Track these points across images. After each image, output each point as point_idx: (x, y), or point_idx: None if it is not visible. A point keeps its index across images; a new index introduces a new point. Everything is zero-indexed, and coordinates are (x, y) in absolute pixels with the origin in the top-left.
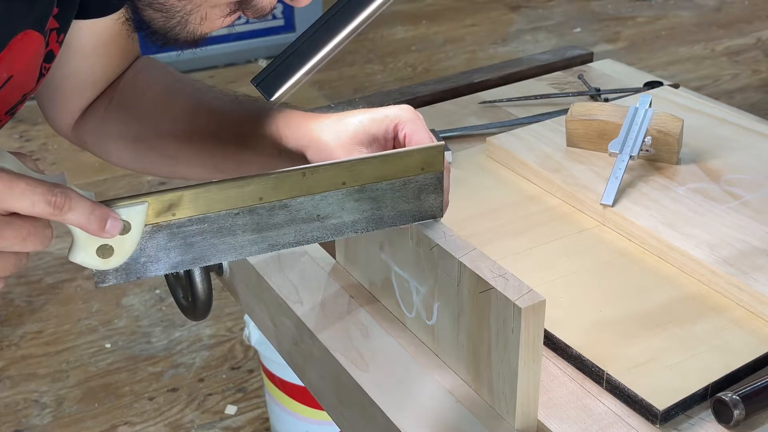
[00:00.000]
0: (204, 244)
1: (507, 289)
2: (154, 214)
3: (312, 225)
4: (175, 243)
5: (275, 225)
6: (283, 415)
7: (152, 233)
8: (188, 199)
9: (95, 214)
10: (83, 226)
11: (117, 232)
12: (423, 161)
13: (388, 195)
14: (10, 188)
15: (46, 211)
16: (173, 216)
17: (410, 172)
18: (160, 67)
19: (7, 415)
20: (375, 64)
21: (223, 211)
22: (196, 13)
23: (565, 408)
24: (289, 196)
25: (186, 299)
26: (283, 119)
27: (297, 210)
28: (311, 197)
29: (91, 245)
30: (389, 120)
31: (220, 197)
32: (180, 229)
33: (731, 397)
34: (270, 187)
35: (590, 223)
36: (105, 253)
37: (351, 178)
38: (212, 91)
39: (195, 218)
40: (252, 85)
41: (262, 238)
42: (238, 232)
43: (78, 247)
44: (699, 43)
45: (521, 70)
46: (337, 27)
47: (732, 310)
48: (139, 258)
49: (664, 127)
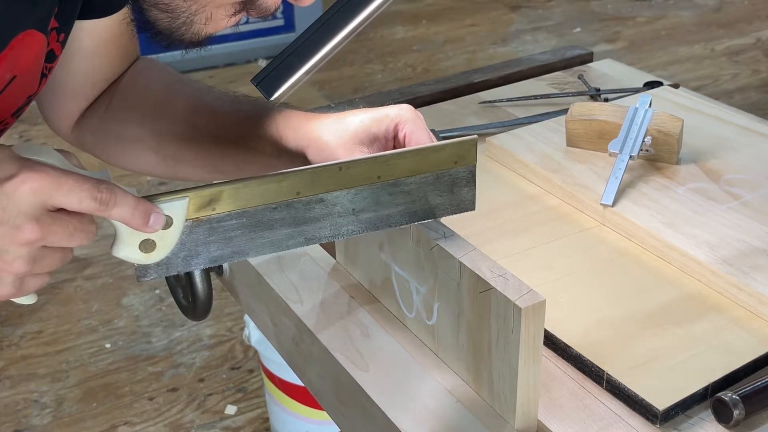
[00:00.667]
0: (243, 239)
1: (507, 289)
2: (195, 209)
3: (347, 219)
4: (215, 237)
5: (312, 219)
6: (283, 415)
7: (192, 228)
8: (228, 194)
9: (139, 209)
10: (127, 221)
11: (160, 227)
12: (456, 155)
13: (422, 188)
14: (58, 185)
15: (93, 206)
16: (213, 211)
17: (444, 166)
18: (159, 68)
19: (7, 415)
20: (375, 64)
21: (261, 206)
22: (201, 13)
23: (565, 408)
24: (326, 190)
25: (186, 299)
26: (283, 119)
27: (333, 204)
28: (347, 191)
29: (134, 240)
30: (390, 119)
31: (258, 192)
32: (220, 223)
33: (731, 397)
34: (307, 182)
35: (590, 223)
36: (147, 248)
37: (386, 172)
38: (212, 92)
39: (234, 213)
40: (252, 85)
41: (299, 232)
42: (276, 226)
43: (121, 242)
44: (699, 43)
45: (521, 70)
46: (337, 27)
47: (732, 310)
48: (179, 252)
49: (664, 127)
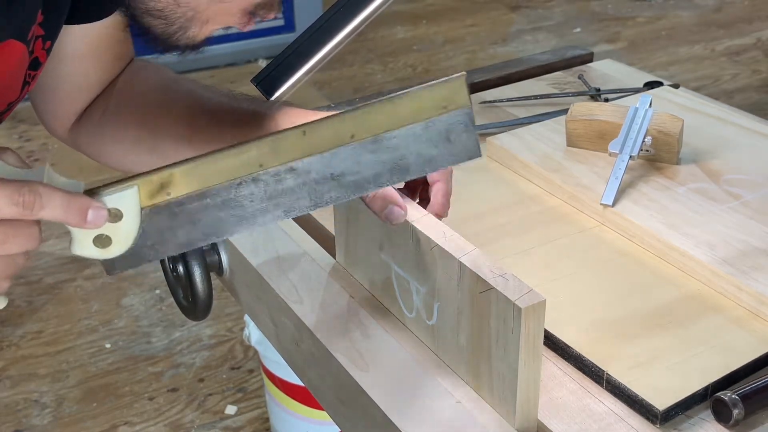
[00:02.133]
0: (211, 219)
1: (507, 289)
2: (148, 196)
3: (328, 185)
4: (179, 222)
5: (286, 190)
6: (283, 415)
7: (151, 215)
8: (180, 176)
9: (72, 207)
10: (63, 221)
11: (102, 222)
12: (443, 98)
13: (410, 141)
14: None
15: (16, 212)
16: (168, 195)
17: (430, 113)
18: (155, 69)
19: (7, 415)
20: (375, 64)
21: (223, 183)
22: (197, 18)
23: (565, 408)
24: (293, 158)
25: (186, 299)
26: (283, 117)
27: (306, 171)
28: (320, 156)
29: (86, 237)
30: None
31: (216, 169)
32: (181, 207)
33: (730, 397)
34: (268, 152)
35: (590, 223)
36: (103, 243)
37: (360, 130)
38: (209, 91)
39: (194, 194)
40: (252, 85)
41: (274, 205)
42: (245, 203)
43: (75, 240)
44: (699, 43)
45: (521, 70)
46: (337, 27)
47: (732, 310)
48: (145, 242)
49: (664, 127)
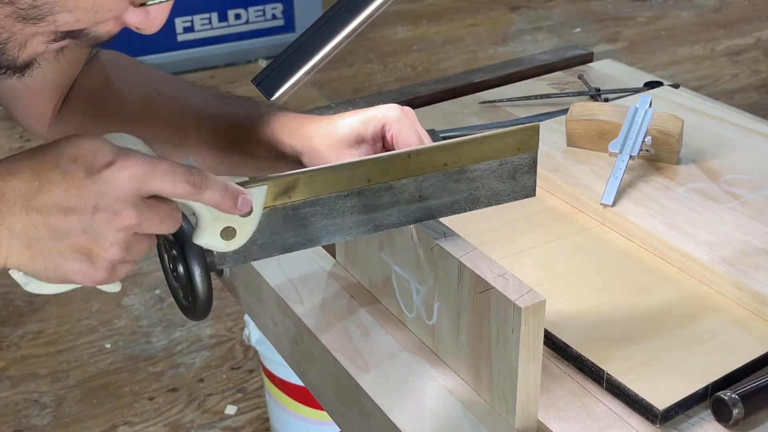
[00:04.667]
0: (316, 226)
1: (507, 289)
2: (272, 197)
3: (414, 206)
4: (290, 225)
5: (380, 206)
6: (283, 415)
7: (269, 216)
8: (304, 183)
9: (229, 191)
10: (218, 204)
11: (248, 209)
12: (519, 141)
13: (486, 175)
14: (153, 170)
15: (187, 190)
16: (289, 199)
17: (507, 153)
18: (134, 66)
19: (7, 415)
20: (375, 64)
21: (334, 194)
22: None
23: (565, 408)
24: (395, 177)
25: (186, 299)
26: (278, 124)
27: (401, 191)
28: (414, 178)
29: (215, 227)
30: (376, 121)
31: (332, 180)
32: (295, 211)
33: (730, 396)
34: (379, 170)
35: (590, 223)
36: (228, 235)
37: (452, 160)
38: (195, 92)
39: (309, 200)
40: (252, 85)
41: (368, 219)
42: (347, 214)
43: (203, 230)
44: (699, 43)
45: (521, 70)
46: (338, 27)
47: (732, 310)
48: (256, 240)
49: (664, 127)
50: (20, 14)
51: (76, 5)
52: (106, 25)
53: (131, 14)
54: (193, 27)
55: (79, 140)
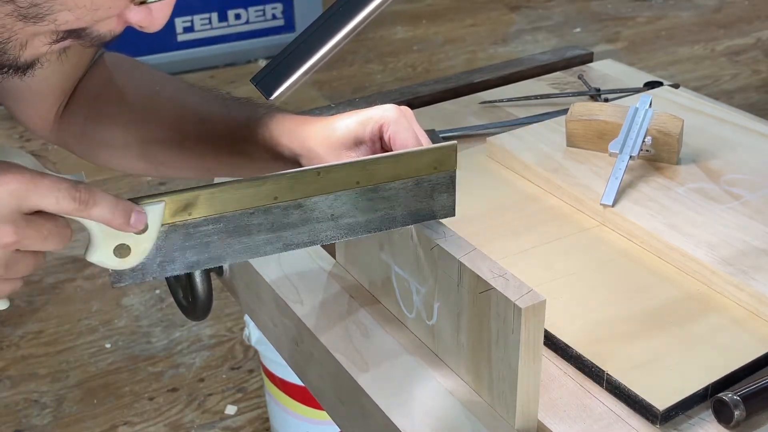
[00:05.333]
0: (220, 244)
1: (507, 289)
2: (171, 214)
3: (326, 224)
4: (191, 243)
5: (290, 224)
6: (283, 415)
7: (168, 233)
8: (204, 199)
9: (119, 208)
10: (108, 221)
11: (141, 226)
12: (436, 160)
13: (402, 194)
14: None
15: (71, 207)
16: (189, 216)
17: (423, 171)
18: (138, 68)
19: (7, 415)
20: (375, 64)
21: (238, 211)
22: (14, 41)
23: (565, 408)
24: (304, 195)
25: (186, 299)
26: (276, 126)
27: (311, 209)
28: (326, 197)
29: (108, 245)
30: (374, 122)
31: (236, 197)
32: (196, 229)
33: (732, 398)
34: (285, 187)
35: (590, 223)
36: (122, 253)
37: (365, 178)
38: (195, 93)
39: (211, 218)
40: (252, 85)
41: (276, 237)
42: (253, 232)
43: (95, 247)
44: (699, 43)
45: (521, 70)
46: (337, 26)
47: (732, 310)
48: (155, 258)
49: (664, 127)
50: (20, 13)
51: (76, 3)
52: (108, 24)
53: (133, 12)
54: (193, 27)
55: None
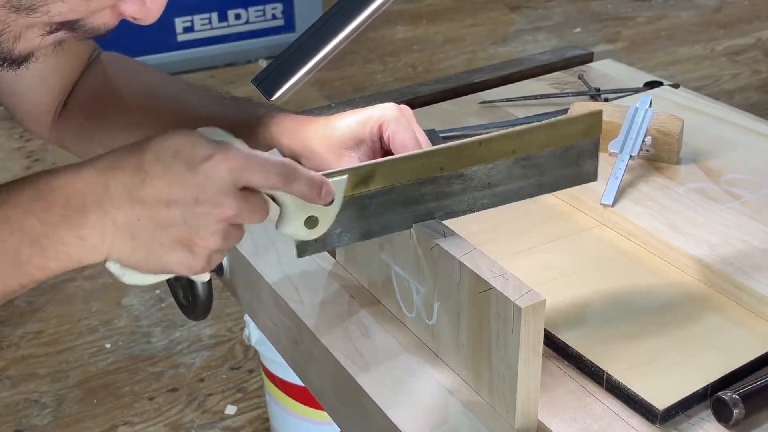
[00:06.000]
0: (391, 214)
1: (507, 288)
2: (351, 186)
3: (483, 192)
4: (367, 213)
5: (452, 193)
6: (283, 415)
7: (347, 204)
8: (381, 172)
9: (314, 182)
10: (305, 195)
11: (330, 199)
12: (586, 127)
13: (551, 161)
14: (248, 163)
15: (279, 182)
16: (366, 188)
17: (572, 139)
18: (134, 68)
19: (7, 415)
20: (375, 64)
21: (409, 182)
22: (7, 33)
23: (565, 408)
24: (466, 165)
25: (186, 299)
26: (276, 126)
27: (471, 179)
28: (484, 166)
29: (299, 216)
30: (373, 121)
31: (408, 169)
32: (372, 200)
33: (731, 397)
34: (451, 158)
35: (590, 222)
36: (311, 224)
37: (520, 147)
38: (195, 94)
39: (385, 189)
40: (252, 86)
41: (440, 206)
42: (421, 201)
43: (287, 219)
44: (699, 43)
45: (521, 70)
46: (338, 27)
47: (732, 310)
48: (335, 229)
49: (664, 127)
50: (13, 4)
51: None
52: (103, 16)
53: (127, 4)
54: (193, 27)
55: (178, 135)
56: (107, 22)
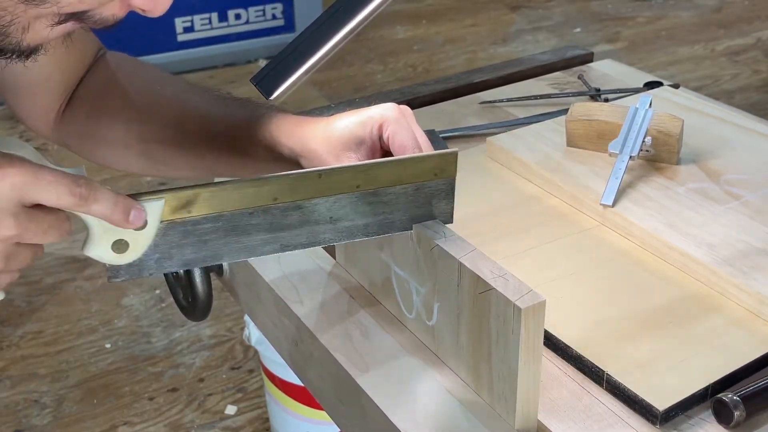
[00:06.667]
0: (217, 243)
1: (507, 289)
2: (170, 211)
3: (324, 227)
4: (189, 240)
5: (288, 226)
6: (283, 415)
7: (167, 230)
8: (205, 197)
9: (119, 204)
10: (107, 217)
11: (140, 223)
12: (436, 167)
13: (401, 199)
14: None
15: (72, 202)
16: (189, 213)
17: (424, 177)
18: (139, 67)
19: (7, 415)
20: (375, 64)
21: (238, 210)
22: (16, 24)
23: (565, 408)
24: (304, 197)
25: (186, 299)
26: (276, 126)
27: (311, 212)
28: (325, 199)
29: (106, 240)
30: (374, 121)
31: (236, 196)
32: (195, 227)
33: (732, 398)
34: (286, 188)
35: (590, 223)
36: (120, 248)
37: (366, 182)
38: (196, 92)
39: (210, 216)
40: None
41: (274, 238)
42: (252, 232)
43: (93, 242)
44: (699, 43)
45: (521, 70)
46: (337, 26)
47: (732, 310)
48: (152, 254)
49: (664, 127)
50: None
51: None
52: (112, 7)
53: None
54: (193, 27)
55: None
56: (116, 13)
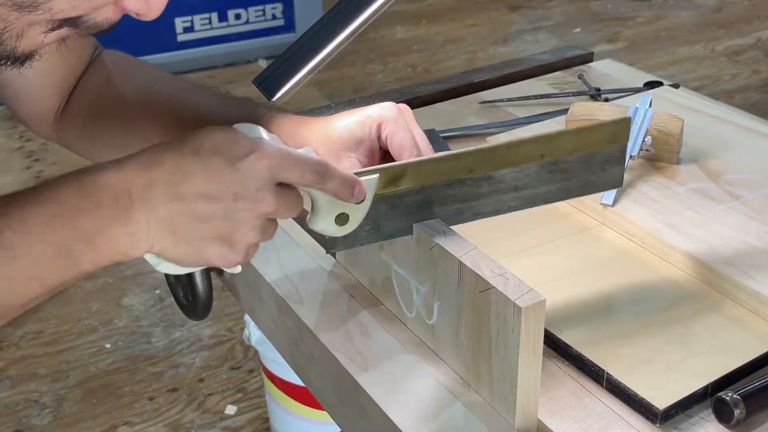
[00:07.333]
0: (418, 214)
1: (507, 288)
2: (382, 185)
3: (510, 195)
4: (395, 212)
5: (479, 195)
6: (283, 415)
7: (377, 202)
8: (412, 172)
9: (347, 181)
10: (337, 193)
11: (362, 197)
12: (612, 134)
13: (578, 166)
14: (285, 160)
15: (313, 179)
16: (396, 187)
17: (599, 145)
18: (136, 66)
19: (7, 415)
20: (375, 64)
21: (438, 183)
22: (10, 30)
23: (565, 408)
24: (495, 168)
25: (186, 299)
26: (276, 126)
27: (499, 181)
28: (512, 169)
29: (331, 213)
30: (372, 121)
31: (437, 170)
32: (400, 199)
33: (732, 397)
34: (480, 160)
35: (590, 222)
36: (342, 221)
37: (549, 151)
38: (195, 92)
39: (414, 189)
40: (253, 86)
41: (467, 207)
42: (448, 202)
43: (319, 216)
44: (699, 43)
45: (521, 70)
46: (338, 27)
47: (732, 310)
48: (364, 226)
49: (664, 127)
50: (15, 2)
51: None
52: (105, 12)
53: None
54: (193, 27)
55: (217, 132)
56: (110, 17)
